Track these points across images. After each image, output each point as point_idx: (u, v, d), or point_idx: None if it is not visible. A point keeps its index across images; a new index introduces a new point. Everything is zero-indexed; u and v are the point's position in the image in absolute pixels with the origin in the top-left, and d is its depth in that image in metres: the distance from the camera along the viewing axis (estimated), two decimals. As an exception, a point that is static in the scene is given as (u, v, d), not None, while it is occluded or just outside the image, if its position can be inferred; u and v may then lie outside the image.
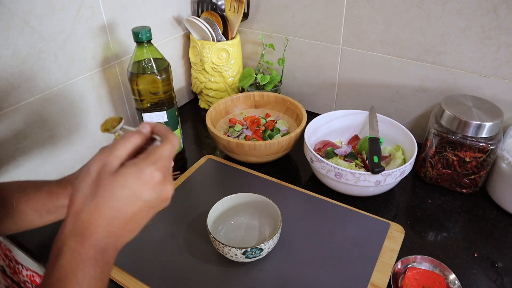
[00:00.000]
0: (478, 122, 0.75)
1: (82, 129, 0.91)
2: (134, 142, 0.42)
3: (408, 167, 0.77)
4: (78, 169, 0.55)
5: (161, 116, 0.83)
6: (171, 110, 0.84)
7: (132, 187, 0.39)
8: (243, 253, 0.64)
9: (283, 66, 1.08)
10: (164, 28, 1.05)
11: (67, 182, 0.54)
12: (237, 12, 1.05)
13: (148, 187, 0.40)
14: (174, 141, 0.44)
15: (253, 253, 0.65)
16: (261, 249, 0.65)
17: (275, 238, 0.67)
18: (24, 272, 0.56)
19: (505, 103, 0.84)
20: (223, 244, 0.64)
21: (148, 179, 0.40)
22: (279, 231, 0.67)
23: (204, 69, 1.08)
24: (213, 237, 0.66)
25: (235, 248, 0.64)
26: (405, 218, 0.79)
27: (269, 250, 0.67)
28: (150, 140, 0.45)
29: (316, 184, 0.87)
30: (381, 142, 0.83)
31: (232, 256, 0.65)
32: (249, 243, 0.72)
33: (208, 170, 0.90)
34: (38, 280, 0.58)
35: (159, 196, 0.41)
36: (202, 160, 0.93)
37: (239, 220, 0.75)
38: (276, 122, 1.00)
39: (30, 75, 0.77)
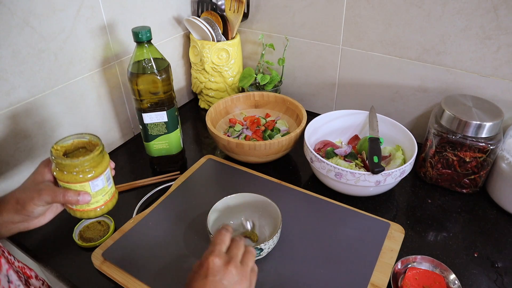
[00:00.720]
0: (478, 122, 0.75)
1: (82, 129, 0.91)
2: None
3: (408, 167, 0.77)
4: (20, 185, 0.58)
5: (161, 116, 0.83)
6: (171, 110, 0.84)
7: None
8: None
9: (283, 66, 1.08)
10: (164, 28, 1.05)
11: (11, 197, 0.56)
12: (237, 12, 1.05)
13: (213, 274, 0.50)
14: (218, 232, 0.57)
15: None
16: (261, 249, 0.65)
17: (275, 238, 0.67)
18: (16, 264, 0.57)
19: (505, 103, 0.84)
20: None
21: (210, 266, 0.51)
22: (279, 231, 0.67)
23: (204, 69, 1.08)
24: (213, 237, 0.65)
25: None
26: (405, 218, 0.79)
27: (269, 250, 0.67)
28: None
29: (316, 184, 0.87)
30: (381, 142, 0.83)
31: None
32: (249, 243, 0.72)
33: (208, 170, 0.90)
34: (29, 272, 0.59)
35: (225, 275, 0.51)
36: (202, 160, 0.93)
37: (239, 220, 0.75)
38: (276, 122, 1.00)
39: (30, 75, 0.77)
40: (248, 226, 0.74)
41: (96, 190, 0.58)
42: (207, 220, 0.69)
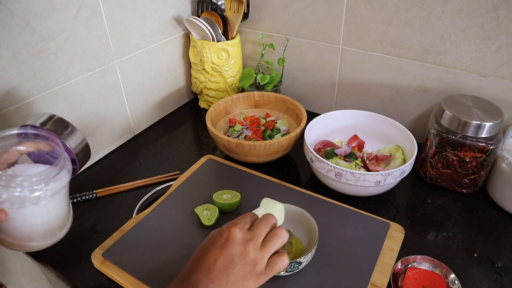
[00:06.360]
0: (478, 122, 0.75)
1: (81, 130, 0.91)
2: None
3: (408, 167, 0.77)
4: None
5: None
6: None
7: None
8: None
9: (283, 66, 1.08)
10: (164, 28, 1.05)
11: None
12: (237, 12, 1.05)
13: (232, 245, 0.47)
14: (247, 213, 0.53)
15: (292, 267, 0.62)
16: (300, 263, 0.62)
17: (313, 251, 0.64)
18: None
19: (505, 103, 0.84)
20: None
21: (231, 237, 0.48)
22: (316, 243, 0.64)
23: (204, 69, 1.08)
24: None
25: None
26: (405, 218, 0.79)
27: (307, 263, 0.65)
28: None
29: (316, 184, 0.87)
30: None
31: None
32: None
33: (208, 170, 0.90)
34: None
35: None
36: (202, 160, 0.93)
37: None
38: (276, 122, 1.00)
39: (30, 75, 0.77)
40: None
41: None
42: None
